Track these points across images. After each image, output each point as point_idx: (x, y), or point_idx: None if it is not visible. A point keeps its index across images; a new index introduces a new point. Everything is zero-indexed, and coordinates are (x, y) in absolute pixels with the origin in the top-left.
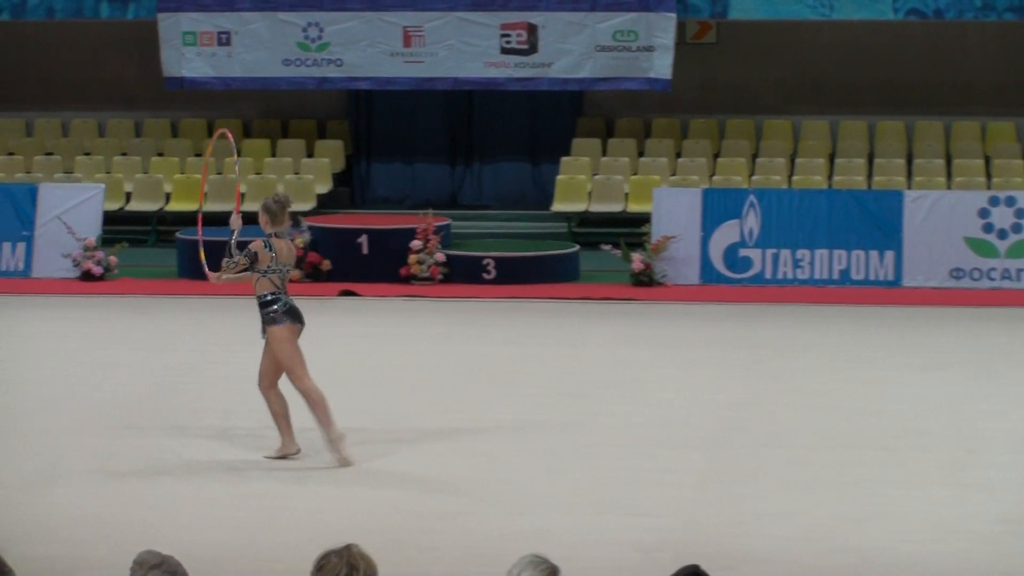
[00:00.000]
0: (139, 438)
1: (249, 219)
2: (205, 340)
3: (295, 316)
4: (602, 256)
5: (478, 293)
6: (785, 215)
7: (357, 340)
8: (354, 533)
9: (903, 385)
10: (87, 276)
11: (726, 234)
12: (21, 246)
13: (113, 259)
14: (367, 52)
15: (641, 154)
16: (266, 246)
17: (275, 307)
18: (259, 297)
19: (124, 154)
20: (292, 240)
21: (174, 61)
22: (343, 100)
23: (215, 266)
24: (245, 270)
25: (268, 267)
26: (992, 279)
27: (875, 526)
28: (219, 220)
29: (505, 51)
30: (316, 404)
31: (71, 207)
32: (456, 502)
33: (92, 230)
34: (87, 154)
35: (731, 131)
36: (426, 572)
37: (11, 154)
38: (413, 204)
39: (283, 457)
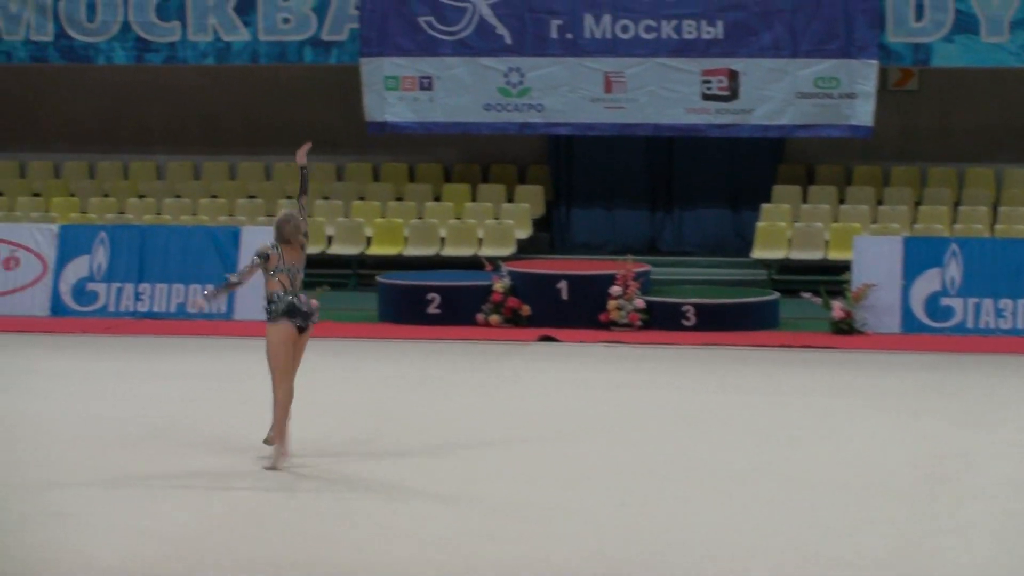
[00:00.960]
0: (339, 486)
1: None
2: (408, 385)
3: (292, 314)
4: (802, 303)
5: (677, 340)
6: (988, 264)
7: (558, 386)
8: None
9: None
10: None
11: (927, 283)
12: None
13: (314, 302)
14: (568, 98)
15: (842, 201)
16: (274, 247)
17: (274, 305)
18: (267, 295)
19: (326, 198)
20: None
21: (376, 106)
22: (543, 145)
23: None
24: (258, 268)
25: (276, 267)
26: None
27: None
28: (419, 264)
29: (706, 97)
30: (281, 408)
31: None
32: (656, 548)
33: None
34: (289, 197)
35: (933, 179)
36: None
37: (215, 197)
38: (613, 250)
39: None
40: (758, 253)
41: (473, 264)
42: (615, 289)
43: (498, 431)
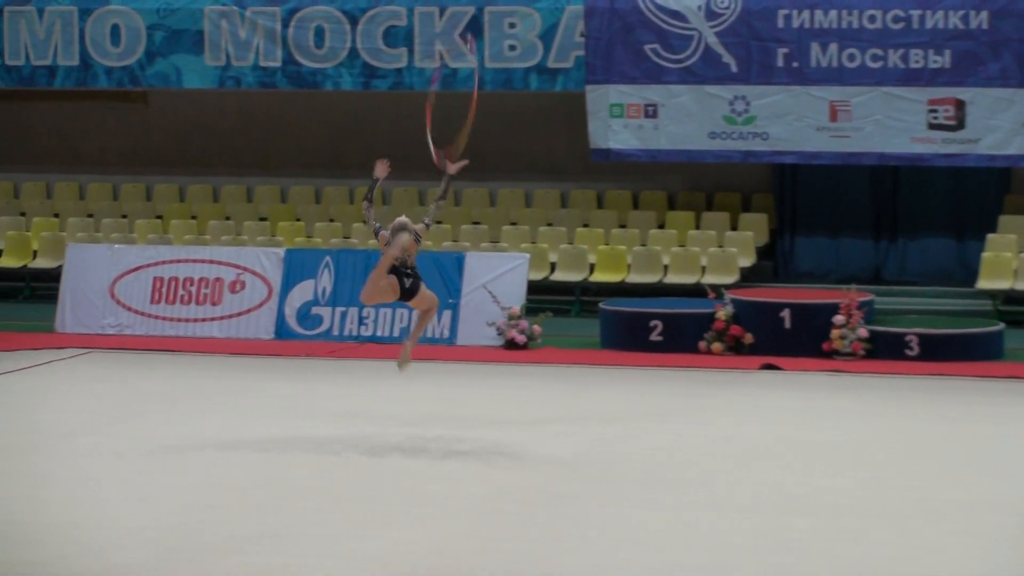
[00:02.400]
0: (564, 506)
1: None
2: (630, 411)
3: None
4: None
5: (901, 370)
6: None
7: (781, 414)
8: None
9: None
10: (511, 345)
11: None
12: (447, 314)
13: (537, 328)
14: (793, 126)
15: None
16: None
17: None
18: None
19: (549, 224)
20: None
21: (601, 133)
22: (767, 173)
23: None
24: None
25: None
26: None
27: None
28: (641, 291)
29: (932, 127)
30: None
31: (496, 276)
32: None
33: (516, 299)
34: (513, 224)
35: None
36: None
37: (439, 222)
38: (836, 279)
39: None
40: (983, 283)
41: (696, 292)
42: (838, 318)
43: (721, 459)
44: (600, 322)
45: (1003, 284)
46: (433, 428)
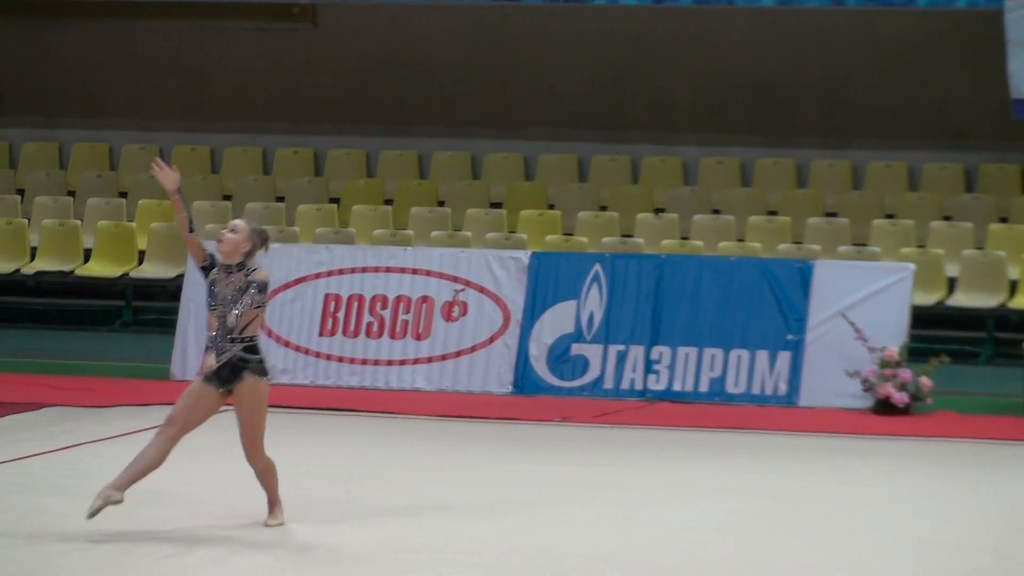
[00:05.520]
0: None
1: None
2: None
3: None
4: None
5: None
6: None
7: None
8: None
9: None
10: (884, 407)
11: None
12: (785, 358)
13: (926, 382)
14: None
15: None
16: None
17: (262, 356)
18: (251, 338)
19: (946, 218)
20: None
21: None
22: None
23: None
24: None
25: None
26: None
27: None
28: None
29: None
30: (272, 473)
31: (862, 298)
32: None
33: (894, 335)
34: (889, 216)
35: None
36: None
37: (772, 213)
38: None
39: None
40: None
41: None
42: None
43: None
44: None
45: None
46: (766, 533)
